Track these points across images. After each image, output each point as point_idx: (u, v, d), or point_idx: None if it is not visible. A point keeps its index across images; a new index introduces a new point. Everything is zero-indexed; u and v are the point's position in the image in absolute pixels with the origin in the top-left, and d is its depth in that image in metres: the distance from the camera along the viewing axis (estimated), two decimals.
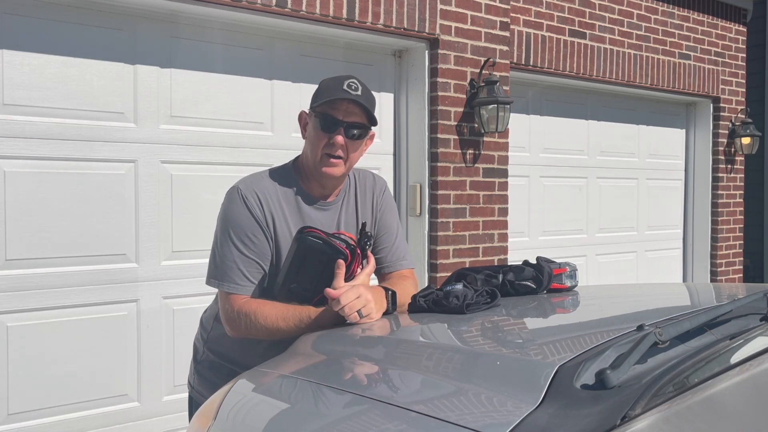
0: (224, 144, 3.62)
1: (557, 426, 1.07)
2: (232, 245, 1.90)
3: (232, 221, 1.92)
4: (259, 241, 1.91)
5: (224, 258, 1.91)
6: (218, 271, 1.92)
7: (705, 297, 2.34)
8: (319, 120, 1.92)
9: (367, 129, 1.97)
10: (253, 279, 1.91)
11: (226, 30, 3.62)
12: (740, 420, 1.18)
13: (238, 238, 1.90)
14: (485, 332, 1.75)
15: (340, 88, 1.89)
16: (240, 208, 1.91)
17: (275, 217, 1.93)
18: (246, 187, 1.94)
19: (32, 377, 3.15)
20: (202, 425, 1.50)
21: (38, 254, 3.15)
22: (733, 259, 6.46)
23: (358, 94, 1.90)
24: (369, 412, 1.29)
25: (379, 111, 4.23)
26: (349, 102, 1.90)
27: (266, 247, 1.92)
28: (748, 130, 6.25)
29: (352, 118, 1.91)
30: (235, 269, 1.89)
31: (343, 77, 1.94)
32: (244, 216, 1.91)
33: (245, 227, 1.90)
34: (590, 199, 5.61)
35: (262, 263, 1.92)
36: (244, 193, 1.92)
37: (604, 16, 5.25)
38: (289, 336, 1.82)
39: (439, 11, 4.10)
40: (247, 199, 1.91)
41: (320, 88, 1.96)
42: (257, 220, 1.91)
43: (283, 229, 1.94)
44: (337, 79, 1.94)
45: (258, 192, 1.93)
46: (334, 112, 1.91)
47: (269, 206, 1.93)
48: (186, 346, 3.43)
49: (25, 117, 3.11)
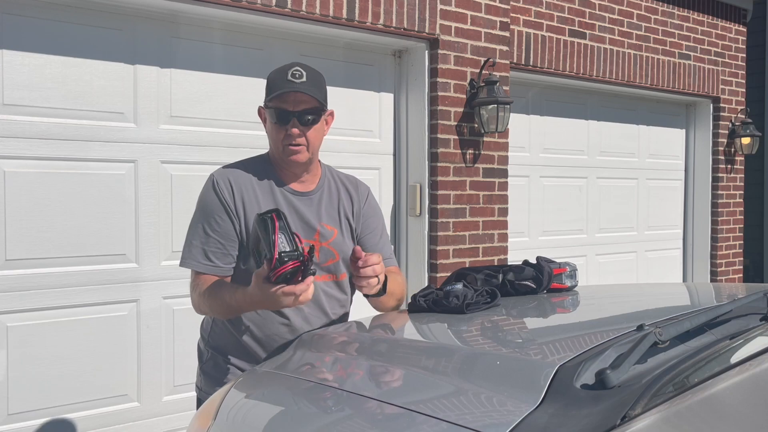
0: (224, 144, 3.62)
1: (557, 426, 1.07)
2: (199, 226, 2.00)
3: (201, 205, 2.03)
4: (223, 222, 1.98)
5: (190, 238, 2.01)
6: (184, 249, 2.02)
7: (705, 297, 2.34)
8: (272, 114, 2.00)
9: (320, 111, 2.02)
10: (215, 258, 1.98)
11: (226, 30, 3.62)
12: (740, 420, 1.18)
13: (205, 220, 2.00)
14: (485, 332, 1.75)
15: (285, 80, 1.96)
16: (209, 192, 2.01)
17: (246, 202, 2.00)
18: (219, 174, 2.04)
19: (32, 377, 3.15)
20: (202, 425, 1.50)
21: (38, 254, 3.15)
22: (733, 259, 6.46)
23: (303, 81, 1.96)
24: (369, 412, 1.29)
25: (379, 111, 4.26)
26: (296, 92, 1.95)
27: (231, 230, 1.99)
28: (748, 130, 6.25)
29: (302, 106, 1.97)
30: (198, 248, 1.99)
31: (287, 67, 2.00)
32: (211, 199, 2.00)
33: (212, 209, 1.99)
34: (590, 199, 5.61)
35: (225, 243, 1.99)
36: (216, 178, 2.03)
37: (604, 16, 5.25)
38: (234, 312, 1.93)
39: (439, 11, 4.10)
40: (218, 183, 2.01)
41: (268, 81, 2.03)
42: (224, 202, 1.98)
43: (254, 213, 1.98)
44: (281, 71, 2.00)
45: (231, 178, 2.02)
46: (284, 104, 1.97)
47: (241, 191, 2.00)
48: (186, 346, 3.44)
49: (25, 117, 3.11)
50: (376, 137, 4.21)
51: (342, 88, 4.02)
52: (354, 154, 4.06)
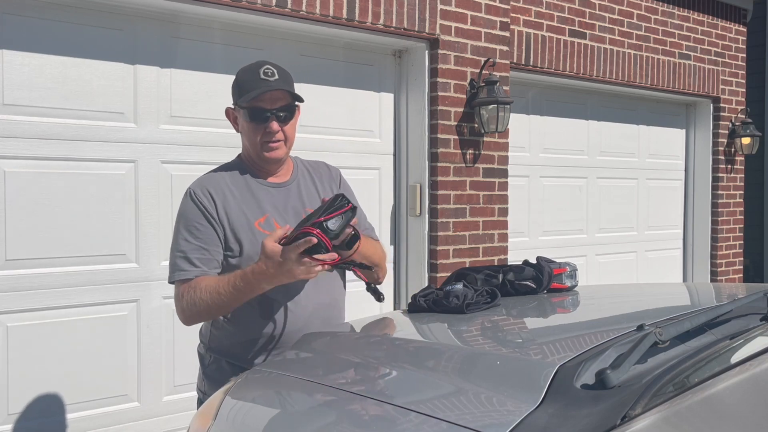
0: (224, 144, 3.62)
1: (557, 426, 1.07)
2: (180, 236, 2.00)
3: (181, 216, 2.03)
4: (204, 228, 1.99)
5: (174, 251, 2.01)
6: (171, 265, 2.01)
7: (705, 297, 2.34)
8: (248, 114, 2.01)
9: (293, 107, 2.06)
10: (200, 264, 1.98)
11: (226, 30, 3.62)
12: (740, 420, 1.18)
13: (186, 229, 2.00)
14: (485, 332, 1.75)
15: (259, 79, 1.98)
16: (188, 203, 2.03)
17: (227, 205, 2.01)
18: (195, 185, 2.06)
19: (32, 377, 3.15)
20: (202, 425, 1.50)
21: (38, 254, 3.15)
22: (733, 259, 6.46)
23: (277, 79, 1.99)
24: (369, 412, 1.29)
25: (379, 111, 4.26)
26: (273, 90, 1.97)
27: (213, 235, 1.99)
28: (748, 130, 6.25)
29: (278, 104, 2.01)
30: (182, 257, 1.98)
31: (256, 66, 2.03)
32: (190, 208, 2.01)
33: (192, 217, 2.00)
34: (590, 199, 5.61)
35: (209, 249, 1.99)
36: (192, 189, 2.05)
37: (604, 16, 5.25)
38: (231, 303, 1.90)
39: (439, 11, 4.10)
40: (195, 193, 2.03)
41: (239, 81, 2.04)
42: (203, 209, 1.99)
43: (238, 214, 2.02)
44: (251, 71, 2.02)
45: (207, 186, 2.04)
46: (260, 103, 1.99)
47: (220, 196, 2.02)
48: (186, 346, 3.43)
49: (25, 117, 3.11)
50: (376, 137, 4.21)
51: (342, 88, 4.02)
52: (354, 154, 4.06)
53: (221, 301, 1.90)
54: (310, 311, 2.03)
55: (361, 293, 2.14)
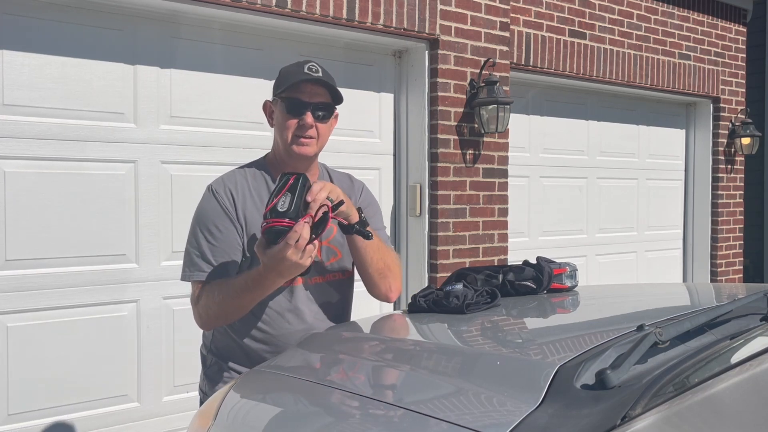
0: (224, 144, 3.62)
1: (557, 426, 1.07)
2: (201, 236, 1.95)
3: (201, 215, 1.98)
4: (225, 230, 1.94)
5: (192, 249, 1.96)
6: (186, 263, 1.97)
7: (705, 297, 2.34)
8: (285, 105, 1.96)
9: (332, 108, 2.01)
10: (218, 266, 1.93)
11: (226, 30, 3.62)
12: (740, 420, 1.18)
13: (206, 229, 1.95)
14: (485, 332, 1.75)
15: (302, 71, 1.94)
16: (209, 201, 1.97)
17: (247, 208, 1.97)
18: (217, 183, 2.01)
19: (32, 377, 3.15)
20: (202, 425, 1.50)
21: (38, 254, 3.15)
22: (733, 259, 6.46)
23: (320, 75, 1.95)
24: (368, 412, 1.29)
25: (379, 111, 4.26)
26: (313, 83, 1.94)
27: (234, 236, 1.94)
28: (748, 130, 6.25)
29: (317, 98, 1.96)
30: (200, 258, 1.93)
31: (302, 62, 1.99)
32: (211, 207, 1.96)
33: (212, 217, 1.95)
34: (590, 199, 5.61)
35: (229, 251, 1.94)
36: (214, 187, 1.99)
37: (604, 17, 5.25)
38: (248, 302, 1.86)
39: (439, 11, 4.10)
40: (217, 192, 1.97)
41: (281, 75, 2.01)
42: (225, 209, 1.95)
43: (255, 218, 1.96)
44: (297, 65, 1.98)
45: (229, 185, 1.99)
46: (299, 95, 1.94)
47: (241, 198, 1.97)
48: (186, 347, 3.44)
49: (25, 117, 3.11)
50: (376, 137, 4.21)
51: (342, 88, 3.94)
52: (354, 154, 4.06)
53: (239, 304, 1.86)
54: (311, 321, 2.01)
55: (362, 293, 2.14)
